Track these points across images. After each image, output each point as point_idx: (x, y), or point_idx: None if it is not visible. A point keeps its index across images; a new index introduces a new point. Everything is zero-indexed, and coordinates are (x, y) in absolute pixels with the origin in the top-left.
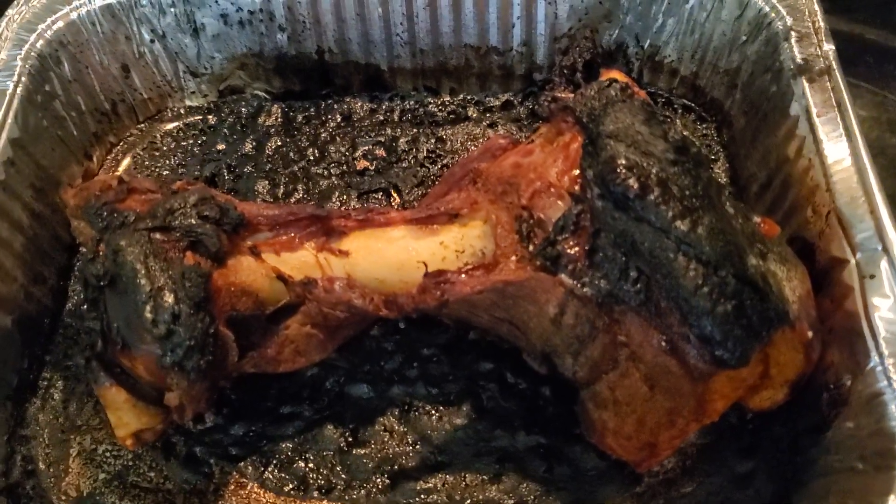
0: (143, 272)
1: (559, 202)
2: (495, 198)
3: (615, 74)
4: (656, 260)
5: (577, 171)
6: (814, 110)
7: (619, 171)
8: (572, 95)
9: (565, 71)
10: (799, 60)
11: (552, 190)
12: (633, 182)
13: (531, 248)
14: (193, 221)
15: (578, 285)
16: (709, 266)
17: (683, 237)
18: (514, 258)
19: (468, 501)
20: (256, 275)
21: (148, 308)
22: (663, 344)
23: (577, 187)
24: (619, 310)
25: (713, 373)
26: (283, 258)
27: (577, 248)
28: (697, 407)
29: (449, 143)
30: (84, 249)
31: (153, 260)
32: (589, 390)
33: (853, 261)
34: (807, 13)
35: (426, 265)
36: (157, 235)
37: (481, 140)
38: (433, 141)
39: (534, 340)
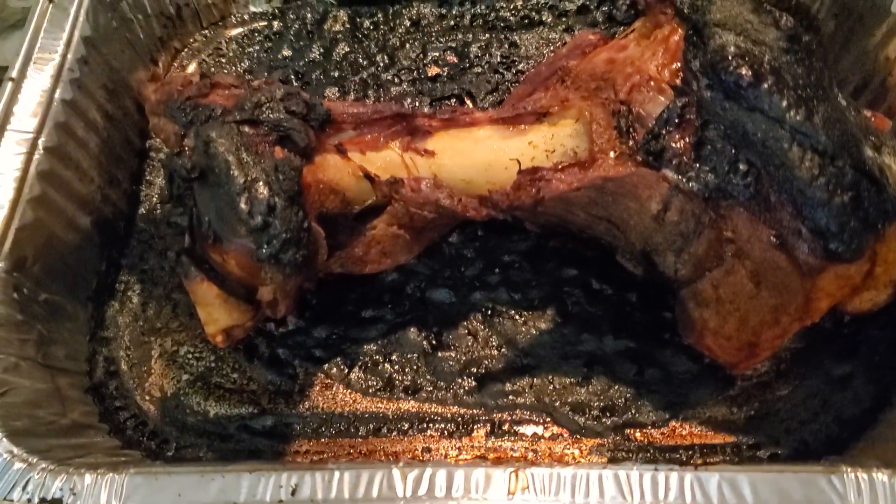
0: (235, 164)
1: (660, 96)
2: (588, 94)
3: None
4: (769, 151)
5: (678, 64)
6: None
7: (730, 58)
8: None
9: None
10: None
11: (652, 83)
12: (745, 70)
13: (631, 143)
14: (281, 115)
15: (684, 180)
16: (825, 156)
17: (799, 126)
18: (613, 154)
19: (557, 403)
20: (343, 173)
21: (243, 200)
22: (772, 239)
23: (679, 80)
24: (727, 205)
25: (824, 268)
26: (368, 157)
27: (682, 142)
28: (804, 304)
29: (523, 48)
30: (155, 154)
31: (245, 152)
32: (689, 288)
33: None
34: None
35: (519, 163)
36: (247, 128)
37: (557, 45)
38: (506, 46)
39: (633, 239)
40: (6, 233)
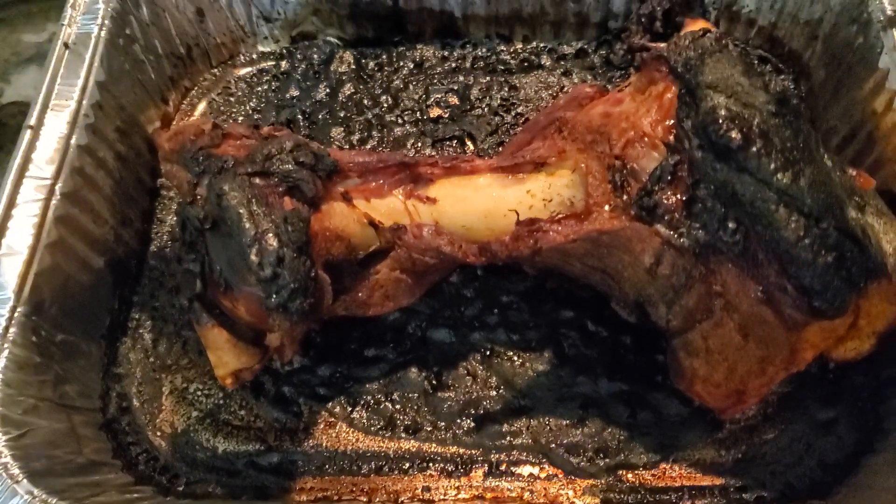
0: (247, 216)
1: (653, 152)
2: (584, 147)
3: (702, 24)
4: (757, 211)
5: (671, 122)
6: None
7: (721, 121)
8: (661, 45)
9: (643, 19)
10: (889, 12)
11: (646, 139)
12: (735, 133)
13: (625, 197)
14: (291, 167)
15: (675, 235)
16: (811, 218)
17: (786, 189)
18: (607, 207)
19: (553, 444)
20: (348, 220)
21: (254, 251)
22: (759, 294)
23: (672, 138)
24: (716, 260)
25: (808, 322)
26: (372, 204)
27: (674, 199)
28: (789, 356)
29: (522, 91)
30: (165, 192)
31: (256, 204)
32: (681, 338)
33: None
34: None
35: (517, 213)
36: (257, 180)
37: (555, 88)
38: (506, 89)
39: (627, 289)
40: (25, 278)
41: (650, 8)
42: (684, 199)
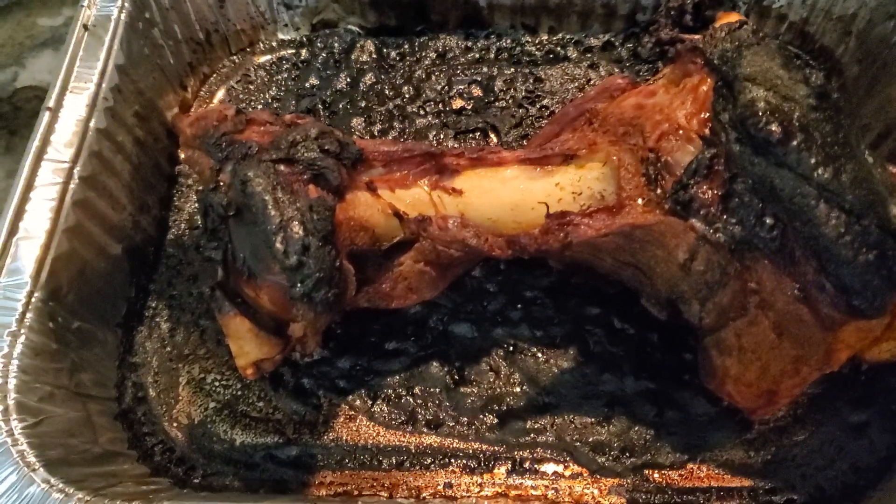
0: (272, 203)
1: (688, 145)
2: (616, 139)
3: (737, 17)
4: (795, 207)
5: (707, 114)
6: None
7: (760, 115)
8: (696, 36)
9: (672, 12)
10: None
11: (680, 132)
12: (775, 127)
13: (659, 191)
14: (316, 154)
15: (711, 231)
16: (852, 214)
17: (826, 184)
18: (640, 201)
19: (578, 442)
20: (373, 210)
21: (278, 239)
22: (796, 292)
23: (707, 130)
24: (752, 257)
25: (845, 322)
26: (397, 195)
27: (710, 193)
28: (824, 356)
29: (547, 83)
30: (183, 180)
31: (281, 191)
32: (713, 336)
33: None
34: None
35: (547, 206)
36: (282, 167)
37: (581, 80)
38: (531, 81)
39: (659, 286)
40: (43, 263)
41: (680, 1)
42: (720, 193)
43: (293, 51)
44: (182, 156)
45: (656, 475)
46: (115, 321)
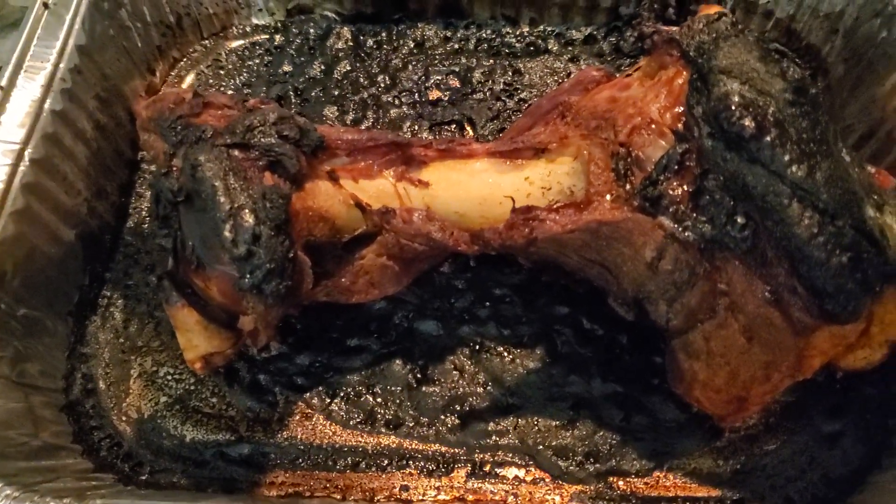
0: (222, 189)
1: (660, 140)
2: (588, 133)
3: (718, 9)
4: (768, 205)
5: (681, 108)
6: None
7: (734, 108)
8: (673, 28)
9: (655, 5)
10: None
11: (653, 127)
12: (748, 121)
13: (628, 187)
14: (273, 140)
15: (680, 229)
16: (826, 214)
17: (800, 182)
18: (609, 197)
19: (541, 446)
20: (334, 201)
21: (227, 227)
22: (767, 294)
23: (680, 125)
24: (722, 257)
25: (818, 327)
26: (360, 185)
27: (680, 190)
28: (796, 362)
29: (527, 76)
30: (147, 165)
31: (233, 177)
32: (681, 339)
33: None
34: None
35: (513, 200)
36: (236, 153)
37: (562, 74)
38: (510, 73)
39: (625, 285)
40: None
41: None
42: (691, 190)
43: (267, 36)
44: (140, 139)
45: (621, 482)
46: (65, 310)
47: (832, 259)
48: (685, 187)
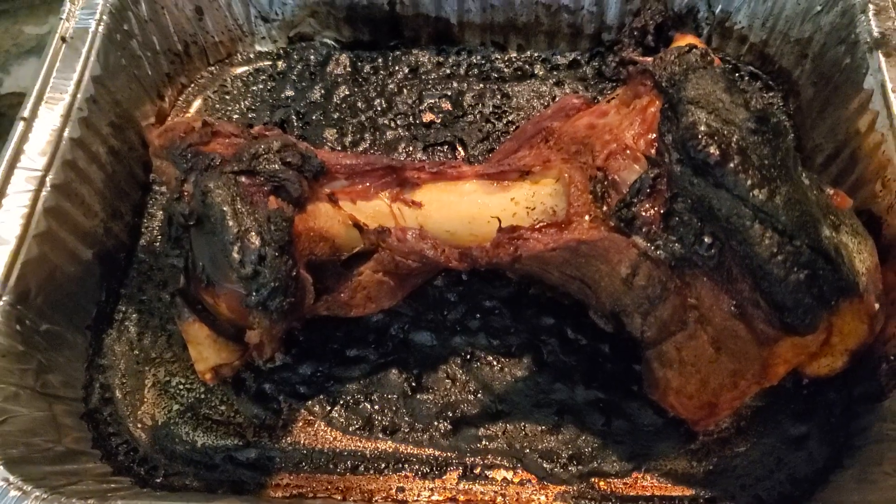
0: (230, 214)
1: (635, 165)
2: (568, 157)
3: (691, 40)
4: (732, 227)
5: (654, 135)
6: (889, 85)
7: (700, 137)
8: (648, 59)
9: (635, 32)
10: (876, 34)
11: (628, 152)
12: (713, 149)
13: (605, 208)
14: (277, 167)
15: (652, 247)
16: (784, 235)
17: (761, 206)
18: (587, 217)
19: (527, 449)
20: (333, 221)
21: (235, 249)
22: (733, 308)
23: (653, 151)
24: (691, 273)
25: (779, 338)
26: (358, 206)
27: (652, 211)
28: (761, 370)
29: (514, 99)
30: (157, 187)
31: (240, 202)
32: (655, 349)
33: None
34: None
35: (500, 220)
36: (243, 179)
37: (547, 97)
38: (499, 97)
39: (603, 299)
40: (12, 267)
41: (643, 22)
42: (662, 212)
43: (270, 62)
44: (153, 165)
45: (602, 483)
46: (84, 324)
47: (790, 276)
48: (657, 209)
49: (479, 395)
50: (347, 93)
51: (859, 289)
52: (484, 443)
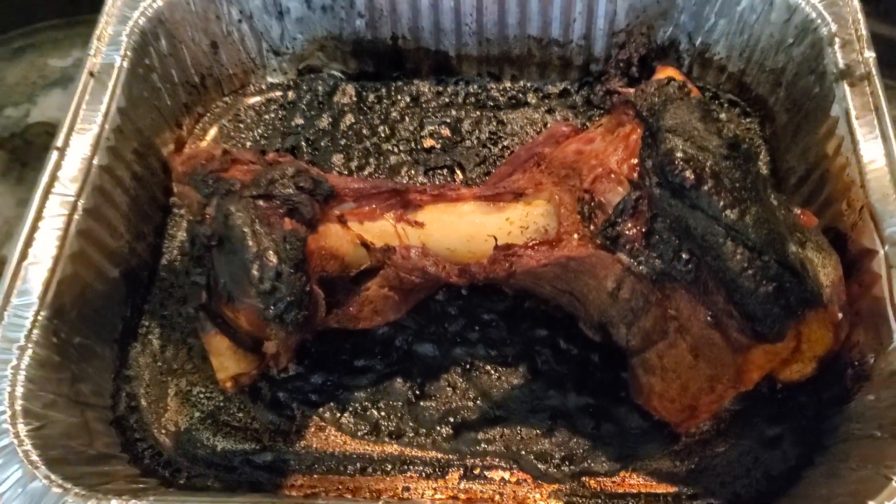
0: (250, 235)
1: (619, 187)
2: (558, 180)
3: (671, 72)
4: (707, 244)
5: (636, 160)
6: (853, 113)
7: (676, 162)
8: (631, 90)
9: (621, 63)
10: (841, 66)
11: (612, 176)
12: (689, 173)
13: (592, 227)
14: (291, 191)
15: (635, 263)
16: (754, 251)
17: (733, 224)
18: (576, 236)
19: (523, 451)
20: (343, 241)
21: (255, 267)
22: (709, 318)
23: (635, 175)
24: (671, 287)
25: (752, 346)
26: (365, 227)
27: (634, 230)
28: (736, 376)
29: (509, 126)
30: (177, 210)
31: (258, 224)
32: (639, 357)
33: (882, 252)
34: (850, 21)
35: (496, 239)
36: (261, 202)
37: (539, 124)
38: (494, 123)
39: (591, 311)
40: (49, 285)
41: (628, 54)
42: (644, 230)
43: (280, 93)
44: (175, 190)
45: (592, 482)
46: (112, 337)
47: (760, 288)
48: (639, 228)
49: (478, 402)
50: (353, 121)
51: (823, 300)
52: (483, 445)
